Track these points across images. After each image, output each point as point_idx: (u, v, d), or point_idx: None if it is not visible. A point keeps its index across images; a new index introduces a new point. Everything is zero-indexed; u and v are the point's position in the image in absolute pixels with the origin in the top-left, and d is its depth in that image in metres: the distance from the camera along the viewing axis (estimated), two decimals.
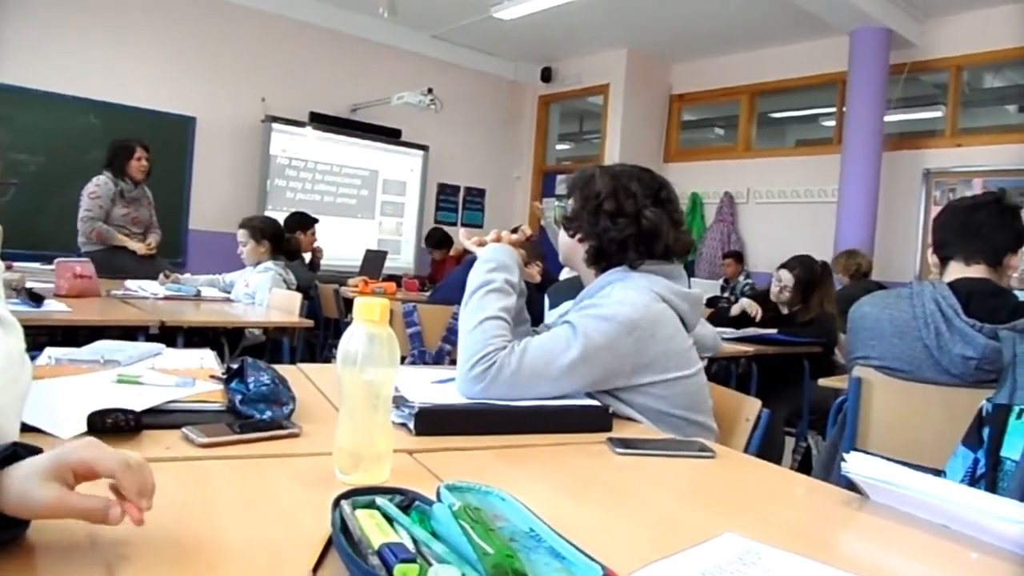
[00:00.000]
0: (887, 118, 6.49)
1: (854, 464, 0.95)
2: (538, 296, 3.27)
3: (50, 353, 1.53)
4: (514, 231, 1.65)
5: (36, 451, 0.67)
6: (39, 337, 2.51)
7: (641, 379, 1.39)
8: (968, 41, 6.42)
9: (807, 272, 3.64)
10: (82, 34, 6.24)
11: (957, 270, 1.92)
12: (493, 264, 1.46)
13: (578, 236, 1.55)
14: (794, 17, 6.52)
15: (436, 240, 7.29)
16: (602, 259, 1.53)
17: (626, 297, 1.41)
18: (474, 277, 1.45)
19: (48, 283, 3.07)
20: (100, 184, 4.53)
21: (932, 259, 2.02)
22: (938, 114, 6.92)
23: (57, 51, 6.10)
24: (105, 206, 4.52)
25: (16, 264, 4.02)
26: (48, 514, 0.60)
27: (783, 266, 3.70)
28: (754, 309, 3.77)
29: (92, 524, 0.61)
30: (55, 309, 2.67)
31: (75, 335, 2.60)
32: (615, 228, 1.48)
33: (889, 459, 0.91)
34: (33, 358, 1.48)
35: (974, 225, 1.91)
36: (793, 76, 7.55)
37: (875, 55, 6.36)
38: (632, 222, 1.48)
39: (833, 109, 7.41)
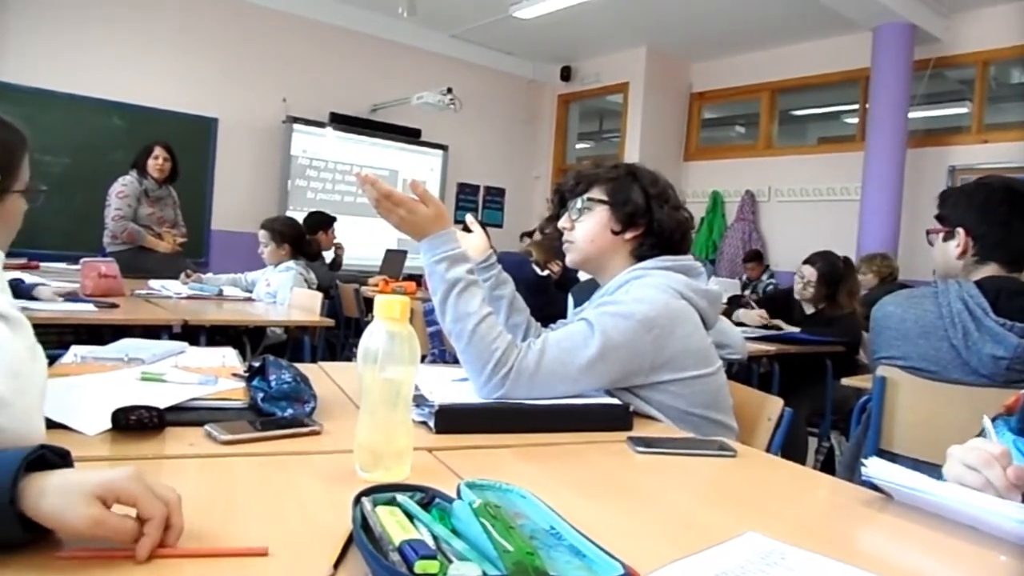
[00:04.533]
0: (911, 115, 6.41)
1: (874, 469, 0.94)
2: (559, 295, 3.27)
3: (76, 351, 1.55)
4: (465, 229, 1.68)
5: (63, 453, 0.68)
6: (65, 336, 2.55)
7: (659, 377, 1.37)
8: (994, 36, 6.32)
9: (829, 267, 3.61)
10: (105, 37, 6.33)
11: (991, 271, 1.84)
12: (444, 264, 1.34)
13: (637, 230, 1.51)
14: (816, 13, 6.45)
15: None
16: (655, 249, 1.51)
17: (644, 295, 1.39)
18: (434, 282, 1.34)
19: (73, 283, 3.11)
20: (127, 183, 4.60)
21: (964, 243, 1.86)
22: (964, 110, 6.82)
23: (81, 54, 6.20)
24: (133, 204, 4.59)
25: (42, 264, 4.08)
26: (87, 532, 0.61)
27: (806, 262, 3.67)
28: (754, 320, 3.75)
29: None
30: (80, 308, 2.71)
31: (100, 334, 2.63)
32: (673, 217, 1.52)
33: (915, 460, 0.89)
34: (59, 356, 1.50)
35: (1017, 224, 1.79)
36: (815, 73, 7.48)
37: (899, 51, 6.28)
38: (681, 210, 1.56)
39: (856, 106, 7.33)
